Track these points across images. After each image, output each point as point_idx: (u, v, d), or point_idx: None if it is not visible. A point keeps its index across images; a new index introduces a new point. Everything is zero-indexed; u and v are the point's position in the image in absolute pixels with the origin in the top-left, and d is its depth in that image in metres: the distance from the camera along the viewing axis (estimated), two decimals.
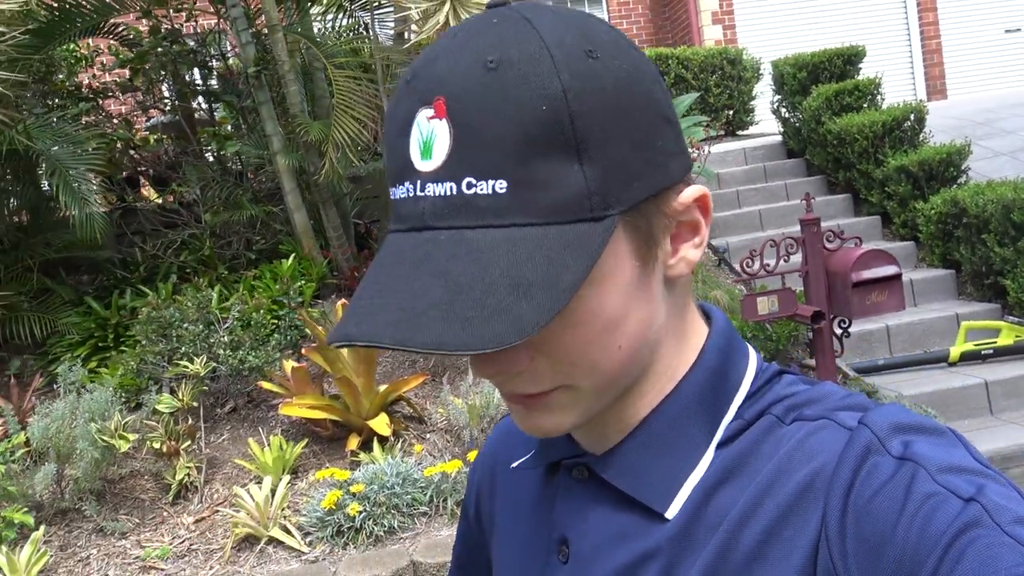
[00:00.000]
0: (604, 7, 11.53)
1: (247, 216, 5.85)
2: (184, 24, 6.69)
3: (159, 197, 6.91)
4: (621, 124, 0.52)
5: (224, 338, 4.53)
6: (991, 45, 11.05)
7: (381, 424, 4.19)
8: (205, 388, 4.55)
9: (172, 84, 6.94)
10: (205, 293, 4.84)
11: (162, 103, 7.08)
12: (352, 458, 4.21)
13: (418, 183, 0.52)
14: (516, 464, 0.72)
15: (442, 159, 0.51)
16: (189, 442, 4.29)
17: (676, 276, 0.58)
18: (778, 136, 7.98)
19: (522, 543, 0.68)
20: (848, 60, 7.56)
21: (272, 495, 3.85)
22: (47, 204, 6.13)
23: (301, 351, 4.62)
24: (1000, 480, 0.49)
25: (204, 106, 7.08)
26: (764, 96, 8.63)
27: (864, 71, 7.62)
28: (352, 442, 4.23)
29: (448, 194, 0.51)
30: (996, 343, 4.89)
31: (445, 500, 3.81)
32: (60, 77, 6.45)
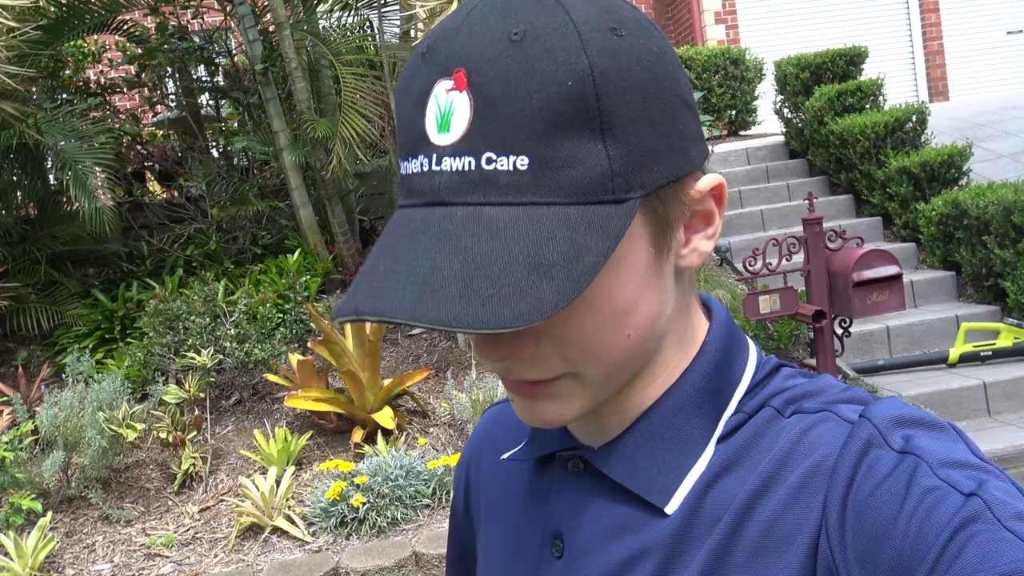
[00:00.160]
0: None
1: (253, 211, 5.90)
2: (190, 21, 6.74)
3: (163, 192, 6.96)
4: (645, 105, 0.50)
5: (230, 331, 4.57)
6: (993, 47, 11.07)
7: (385, 417, 4.23)
8: (211, 380, 4.60)
9: (178, 80, 6.99)
10: (212, 287, 4.88)
11: (168, 99, 7.13)
12: (356, 450, 4.26)
13: (433, 157, 0.50)
14: (507, 456, 0.69)
15: (461, 132, 0.49)
16: (195, 433, 4.33)
17: (687, 267, 0.57)
18: (780, 136, 8.01)
19: (512, 537, 0.67)
20: (851, 61, 7.59)
21: (277, 485, 3.89)
22: (54, 198, 6.19)
23: (307, 345, 4.66)
24: (1000, 476, 0.49)
25: (210, 102, 7.13)
26: (766, 96, 8.65)
27: (866, 72, 7.65)
28: (357, 435, 4.28)
29: (466, 169, 0.49)
30: (995, 345, 4.92)
31: (448, 493, 3.85)
32: (67, 72, 6.50)
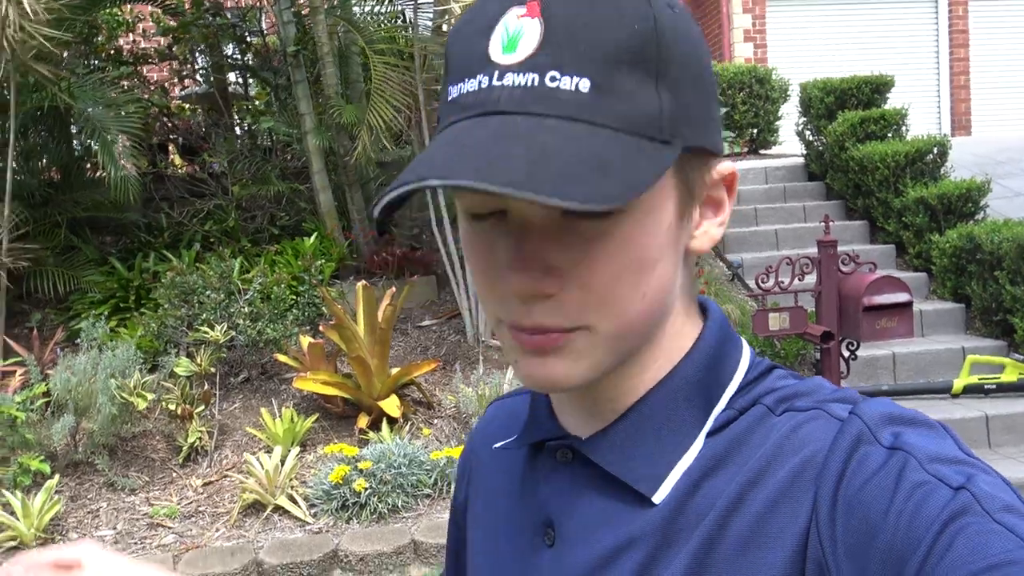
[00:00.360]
0: None
1: (274, 192, 5.95)
2: None
3: (183, 166, 7.02)
4: (691, 72, 0.54)
5: (244, 309, 4.62)
6: (1019, 85, 11.09)
7: (391, 405, 4.28)
8: (222, 356, 4.65)
9: (208, 56, 7.04)
10: (228, 263, 4.93)
11: (197, 74, 7.19)
12: (360, 436, 4.30)
13: (495, 74, 0.51)
14: (499, 445, 0.70)
15: (527, 53, 0.51)
16: (203, 407, 4.38)
17: (696, 249, 0.59)
18: (800, 158, 8.04)
19: (504, 525, 0.67)
20: (876, 89, 7.62)
21: (281, 464, 3.94)
22: (78, 163, 6.24)
23: (318, 328, 4.71)
24: (988, 470, 0.49)
25: (238, 81, 7.18)
26: (789, 117, 8.67)
27: (891, 101, 7.67)
28: (362, 420, 4.32)
29: (529, 84, 0.50)
30: (1000, 379, 4.94)
31: (449, 484, 3.89)
32: (100, 39, 6.56)
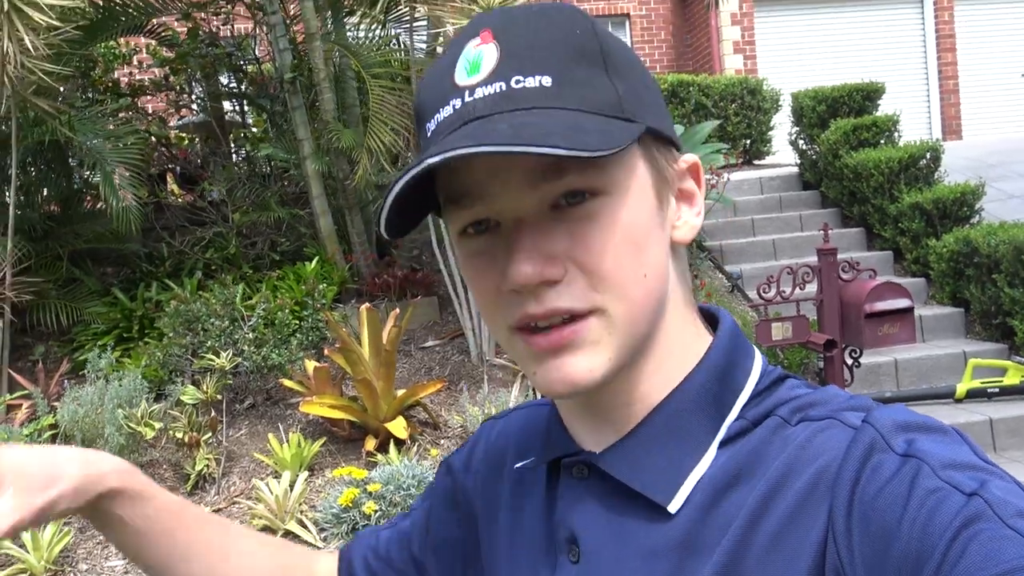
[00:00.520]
0: (627, 31, 11.71)
1: (274, 218, 5.97)
2: (219, 27, 6.86)
3: (182, 195, 7.05)
4: (635, 69, 0.60)
5: (248, 335, 4.64)
6: (1007, 88, 11.20)
7: (398, 427, 4.28)
8: (228, 382, 4.66)
9: (205, 85, 7.10)
10: (231, 290, 4.95)
11: (194, 103, 7.24)
12: (368, 459, 4.31)
13: (465, 93, 0.56)
14: (519, 465, 0.71)
15: (490, 69, 0.56)
16: (209, 434, 4.39)
17: (680, 240, 0.62)
18: (794, 167, 8.10)
19: (527, 544, 0.68)
20: (867, 96, 7.70)
21: (290, 489, 3.94)
22: (77, 196, 6.28)
23: (322, 352, 4.72)
24: (1003, 476, 0.49)
25: (235, 108, 7.23)
26: (782, 127, 8.75)
27: (882, 108, 7.74)
28: (370, 443, 4.32)
29: (498, 91, 0.55)
30: (1003, 382, 4.97)
31: None
32: (97, 72, 6.62)
